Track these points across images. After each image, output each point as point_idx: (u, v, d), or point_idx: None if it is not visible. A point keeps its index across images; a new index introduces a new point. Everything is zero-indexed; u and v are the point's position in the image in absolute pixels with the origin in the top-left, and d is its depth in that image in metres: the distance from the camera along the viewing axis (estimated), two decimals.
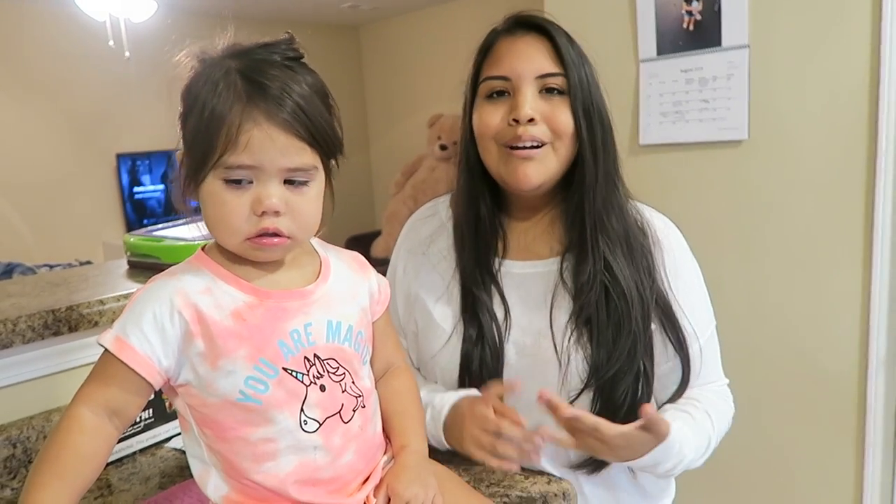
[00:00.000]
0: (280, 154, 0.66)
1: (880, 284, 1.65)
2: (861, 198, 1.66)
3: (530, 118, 0.90)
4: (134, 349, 0.66)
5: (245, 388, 0.68)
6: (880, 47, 1.56)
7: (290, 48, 0.71)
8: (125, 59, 4.22)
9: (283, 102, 0.66)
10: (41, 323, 1.03)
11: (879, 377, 1.69)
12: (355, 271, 0.81)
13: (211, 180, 0.67)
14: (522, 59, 0.92)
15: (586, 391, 0.93)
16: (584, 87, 0.92)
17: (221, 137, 0.65)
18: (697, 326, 0.99)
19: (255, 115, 0.65)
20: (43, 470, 0.64)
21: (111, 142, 4.79)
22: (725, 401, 1.04)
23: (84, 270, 1.40)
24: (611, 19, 1.96)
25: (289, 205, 0.68)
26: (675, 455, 0.88)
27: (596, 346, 0.92)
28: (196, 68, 0.70)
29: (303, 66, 0.71)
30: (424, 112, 4.67)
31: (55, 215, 4.59)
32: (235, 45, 0.72)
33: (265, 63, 0.68)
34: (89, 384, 0.68)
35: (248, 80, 0.66)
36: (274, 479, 0.69)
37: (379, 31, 5.90)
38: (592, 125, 0.92)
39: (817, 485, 1.84)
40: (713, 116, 1.83)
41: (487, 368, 0.95)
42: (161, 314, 0.67)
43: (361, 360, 0.78)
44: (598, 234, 0.94)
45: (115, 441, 0.69)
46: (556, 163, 0.93)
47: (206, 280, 0.70)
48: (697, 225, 1.90)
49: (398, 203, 4.22)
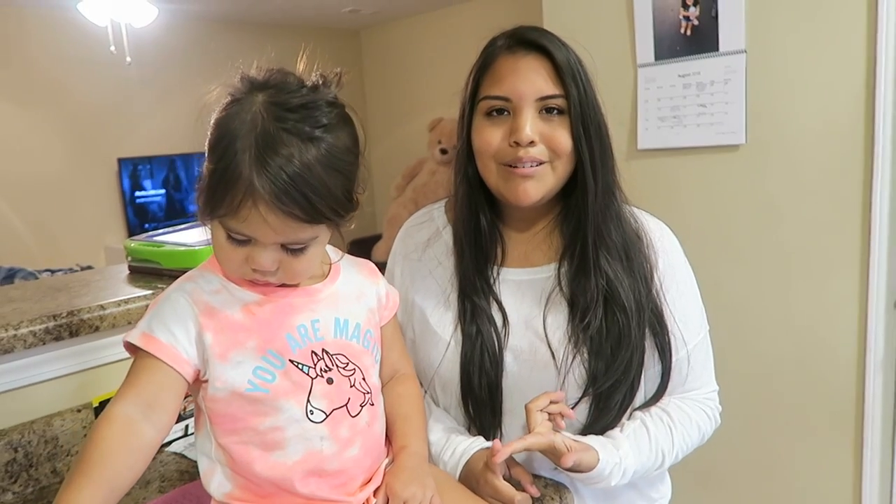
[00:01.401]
0: (275, 233, 0.67)
1: (877, 287, 1.65)
2: (858, 202, 1.66)
3: (531, 141, 0.91)
4: (159, 340, 0.70)
5: (254, 378, 0.71)
6: (876, 52, 1.57)
7: (328, 107, 0.69)
8: (126, 64, 4.24)
9: (286, 187, 0.64)
10: (42, 328, 1.04)
11: (877, 380, 1.69)
12: (365, 276, 0.85)
13: (217, 224, 0.69)
14: (523, 81, 0.92)
15: (585, 399, 0.94)
16: (583, 104, 0.93)
17: (226, 201, 0.65)
18: (688, 331, 1.00)
19: (256, 195, 0.64)
20: (78, 470, 0.64)
21: (113, 146, 4.81)
22: (705, 412, 1.03)
23: (85, 275, 1.41)
24: (609, 24, 1.97)
25: (283, 264, 0.71)
26: (605, 479, 0.89)
27: (594, 358, 0.93)
28: (227, 105, 0.69)
29: (333, 127, 0.69)
30: (425, 116, 4.69)
31: (57, 220, 4.60)
32: (273, 87, 0.69)
33: (287, 127, 0.66)
34: (122, 386, 0.70)
35: (262, 149, 0.65)
36: (281, 468, 0.71)
37: (380, 35, 5.92)
38: (591, 141, 0.93)
39: (815, 487, 1.85)
40: (711, 121, 1.84)
41: (487, 376, 0.96)
42: (180, 308, 0.72)
43: (373, 357, 0.80)
44: (599, 249, 0.95)
45: (151, 437, 0.67)
46: (554, 180, 0.95)
47: (218, 281, 0.75)
48: (695, 229, 1.91)
49: (399, 207, 4.23)
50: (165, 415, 0.69)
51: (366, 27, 5.93)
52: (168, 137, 4.98)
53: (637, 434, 0.95)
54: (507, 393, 0.97)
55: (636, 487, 1.04)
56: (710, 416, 1.03)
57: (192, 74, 5.02)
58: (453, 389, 1.00)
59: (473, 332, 0.97)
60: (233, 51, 5.00)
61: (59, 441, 1.05)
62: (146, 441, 0.67)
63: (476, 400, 0.97)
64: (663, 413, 0.99)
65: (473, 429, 1.00)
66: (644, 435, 0.95)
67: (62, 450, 1.06)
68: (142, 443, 0.67)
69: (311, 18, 5.37)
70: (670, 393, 1.01)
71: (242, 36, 5.22)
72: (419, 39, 5.57)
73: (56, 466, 1.05)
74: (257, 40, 5.24)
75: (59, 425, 1.06)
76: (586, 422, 0.95)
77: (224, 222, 0.68)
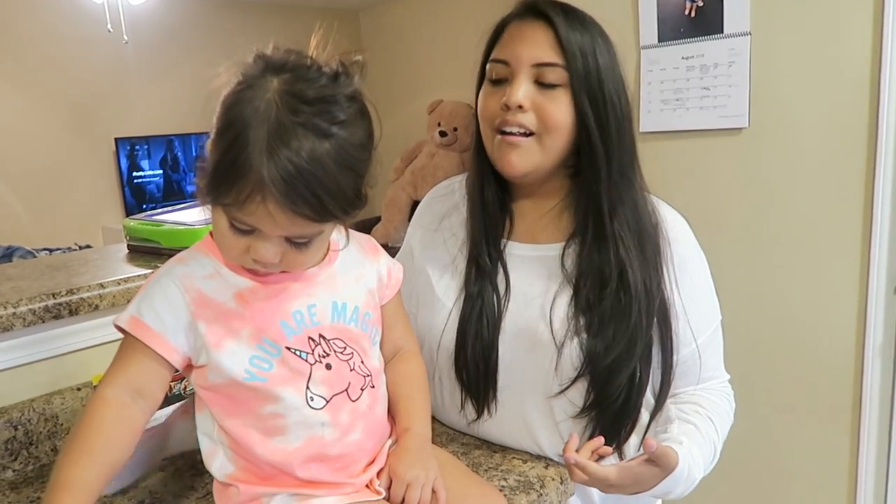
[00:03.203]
0: (279, 227, 0.65)
1: (877, 273, 1.65)
2: (860, 187, 1.66)
3: (519, 104, 0.90)
4: (149, 327, 0.69)
5: (250, 367, 0.70)
6: (882, 35, 1.56)
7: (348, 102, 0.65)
8: (123, 43, 4.20)
9: (297, 186, 0.61)
10: (42, 306, 1.03)
11: (875, 366, 1.69)
12: (364, 254, 0.83)
13: (219, 210, 0.67)
14: (522, 45, 0.91)
15: (581, 380, 0.92)
16: (590, 77, 0.90)
17: (233, 193, 0.62)
18: (701, 323, 0.98)
19: (266, 191, 0.61)
20: (71, 448, 0.66)
21: (110, 126, 4.77)
22: (727, 399, 1.04)
23: (84, 254, 1.40)
24: (612, 5, 1.95)
25: (285, 256, 0.68)
26: (684, 481, 0.88)
27: (593, 337, 0.92)
28: (237, 88, 0.65)
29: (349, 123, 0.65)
30: (424, 98, 4.65)
31: (54, 200, 4.58)
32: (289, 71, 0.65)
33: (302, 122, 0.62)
34: (112, 366, 0.71)
35: (275, 144, 0.61)
36: (282, 453, 0.71)
37: (379, 15, 5.86)
38: (600, 117, 0.91)
39: (812, 474, 1.86)
40: (714, 104, 1.82)
41: (482, 340, 0.95)
42: (171, 294, 0.70)
43: (371, 340, 0.79)
44: (610, 225, 0.92)
45: (140, 421, 0.70)
46: (542, 155, 0.93)
47: (212, 265, 0.72)
48: (697, 213, 1.89)
49: (397, 189, 4.21)
50: (153, 401, 0.71)
51: (365, 7, 5.87)
52: (166, 117, 4.95)
53: (685, 430, 0.94)
54: (503, 369, 0.96)
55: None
56: (730, 404, 1.04)
57: (189, 54, 4.98)
58: (450, 352, 0.99)
59: (475, 293, 0.97)
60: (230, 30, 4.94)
61: (58, 419, 1.05)
62: (137, 423, 0.70)
63: (469, 367, 0.96)
64: (696, 406, 0.98)
65: (469, 401, 0.99)
66: (693, 430, 0.94)
67: (62, 428, 1.06)
68: (134, 425, 0.69)
69: None
70: (685, 387, 1.00)
71: (240, 14, 5.17)
72: (419, 20, 5.52)
73: (56, 444, 1.05)
74: (255, 19, 5.19)
75: (59, 403, 1.06)
76: (583, 404, 0.93)
77: (228, 211, 0.65)
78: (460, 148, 3.98)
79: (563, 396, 0.93)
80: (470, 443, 1.03)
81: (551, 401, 0.94)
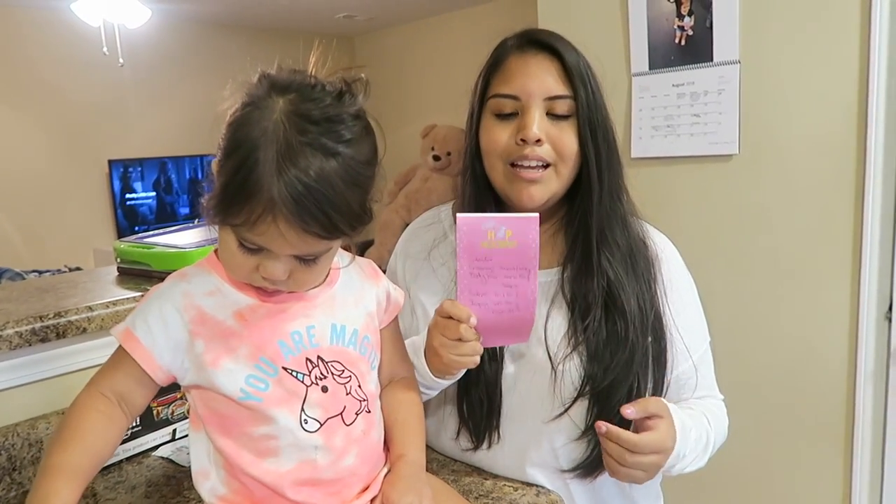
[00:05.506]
0: (290, 246, 0.65)
1: (868, 297, 1.66)
2: (850, 212, 1.67)
3: (538, 139, 0.91)
4: (139, 341, 0.70)
5: (246, 387, 0.70)
6: (869, 62, 1.58)
7: (353, 121, 0.67)
8: (119, 65, 4.22)
9: (307, 205, 0.62)
10: (28, 329, 1.02)
11: (867, 389, 1.69)
12: (364, 277, 0.83)
13: (228, 231, 0.67)
14: (533, 80, 0.93)
15: (581, 400, 0.93)
16: (591, 107, 0.93)
17: (243, 213, 0.63)
18: (691, 344, 1.00)
19: (276, 211, 0.62)
20: (61, 436, 0.69)
21: (103, 148, 4.78)
22: (722, 411, 1.05)
23: (73, 276, 1.39)
24: (604, 33, 1.98)
25: (293, 274, 0.69)
26: (692, 442, 0.91)
27: (590, 359, 0.93)
28: (243, 109, 0.66)
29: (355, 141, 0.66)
30: (418, 122, 4.68)
31: (46, 221, 4.57)
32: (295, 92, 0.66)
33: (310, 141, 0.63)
34: (103, 368, 0.74)
35: (285, 165, 0.62)
36: (273, 475, 0.70)
37: (374, 41, 5.92)
38: (598, 143, 0.94)
39: (805, 497, 1.84)
40: (704, 131, 1.84)
41: (486, 374, 0.95)
42: (167, 312, 0.71)
43: (369, 364, 0.79)
44: (602, 250, 0.95)
45: (123, 425, 0.73)
46: (558, 183, 0.95)
47: (214, 283, 0.73)
48: (688, 238, 1.91)
49: (391, 213, 4.21)
50: (135, 408, 0.74)
51: (360, 33, 5.93)
52: (160, 140, 4.96)
53: (679, 407, 0.96)
54: (504, 395, 0.96)
55: (628, 495, 1.03)
56: (726, 417, 1.05)
57: (184, 77, 5.01)
58: (450, 389, 0.98)
59: None
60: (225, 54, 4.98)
61: (43, 444, 1.04)
62: (122, 423, 0.73)
63: (471, 400, 0.96)
64: (691, 403, 1.01)
65: (465, 433, 0.99)
66: (686, 407, 0.97)
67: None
68: (119, 423, 0.72)
69: (306, 23, 5.37)
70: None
71: (235, 39, 5.21)
72: (413, 46, 5.58)
73: None
74: (250, 44, 5.23)
75: (45, 428, 1.04)
76: (585, 424, 0.94)
77: (237, 231, 0.65)
78: (454, 172, 4.00)
79: (566, 417, 0.94)
80: (460, 469, 1.02)
81: (551, 425, 0.94)
